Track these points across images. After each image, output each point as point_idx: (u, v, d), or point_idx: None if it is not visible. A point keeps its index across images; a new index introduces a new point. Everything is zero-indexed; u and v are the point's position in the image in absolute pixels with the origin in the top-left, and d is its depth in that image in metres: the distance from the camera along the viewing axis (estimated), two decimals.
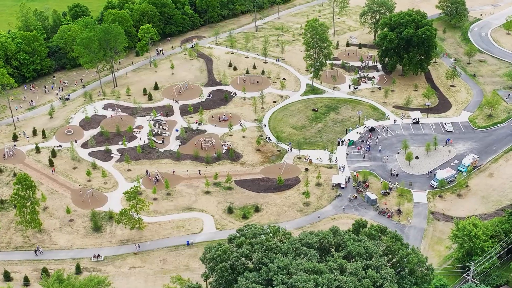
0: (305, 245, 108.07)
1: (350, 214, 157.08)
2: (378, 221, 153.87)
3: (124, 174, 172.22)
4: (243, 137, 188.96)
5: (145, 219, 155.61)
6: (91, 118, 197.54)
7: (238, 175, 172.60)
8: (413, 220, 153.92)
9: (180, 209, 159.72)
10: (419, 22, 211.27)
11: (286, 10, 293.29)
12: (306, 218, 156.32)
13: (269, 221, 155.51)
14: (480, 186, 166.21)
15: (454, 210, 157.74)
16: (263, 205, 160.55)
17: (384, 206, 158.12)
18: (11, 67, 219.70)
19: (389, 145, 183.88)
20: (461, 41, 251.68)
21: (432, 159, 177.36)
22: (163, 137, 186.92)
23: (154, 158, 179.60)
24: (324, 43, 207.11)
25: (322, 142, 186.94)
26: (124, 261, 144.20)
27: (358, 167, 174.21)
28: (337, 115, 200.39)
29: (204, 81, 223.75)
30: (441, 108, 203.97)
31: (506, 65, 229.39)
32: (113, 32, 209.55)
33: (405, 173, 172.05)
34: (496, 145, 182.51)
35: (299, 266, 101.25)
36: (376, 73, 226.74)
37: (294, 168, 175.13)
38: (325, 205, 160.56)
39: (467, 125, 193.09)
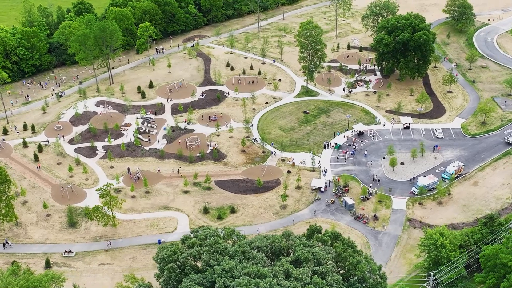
0: (254, 249, 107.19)
1: (325, 219, 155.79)
2: (353, 227, 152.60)
3: (106, 171, 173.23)
4: (230, 138, 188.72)
5: (120, 217, 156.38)
6: (82, 114, 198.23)
7: (219, 175, 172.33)
8: (389, 227, 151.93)
9: (156, 208, 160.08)
10: (416, 26, 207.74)
11: (292, 11, 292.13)
12: (281, 221, 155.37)
13: (243, 222, 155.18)
14: (462, 195, 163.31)
15: (432, 218, 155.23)
16: (239, 207, 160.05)
17: (361, 212, 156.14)
18: (10, 62, 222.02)
19: (375, 150, 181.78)
20: (465, 46, 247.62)
21: (417, 165, 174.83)
22: (149, 135, 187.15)
23: (138, 156, 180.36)
24: (318, 45, 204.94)
25: (309, 145, 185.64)
26: (95, 257, 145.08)
27: (341, 171, 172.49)
28: (328, 118, 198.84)
29: (199, 80, 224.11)
30: (434, 114, 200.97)
31: (508, 72, 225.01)
32: (108, 29, 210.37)
33: (388, 178, 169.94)
34: (485, 153, 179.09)
35: (244, 269, 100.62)
36: (373, 76, 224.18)
37: (277, 170, 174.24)
38: (302, 209, 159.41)
39: (458, 132, 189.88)
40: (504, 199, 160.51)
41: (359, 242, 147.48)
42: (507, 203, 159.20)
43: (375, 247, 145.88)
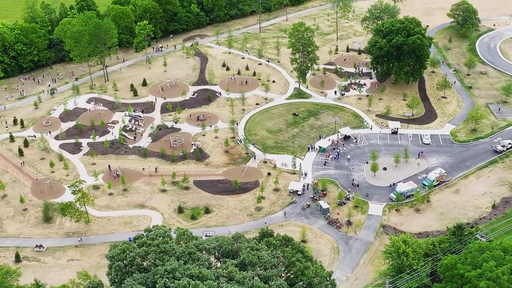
0: (202, 250, 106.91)
1: (298, 222, 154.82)
2: (325, 231, 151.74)
3: (88, 167, 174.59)
4: (215, 138, 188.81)
5: (95, 213, 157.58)
6: (72, 111, 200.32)
7: (199, 175, 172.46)
8: (361, 233, 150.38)
9: (132, 206, 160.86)
10: (411, 30, 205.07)
11: (296, 12, 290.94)
12: (254, 223, 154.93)
13: (216, 223, 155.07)
14: (442, 202, 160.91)
15: (407, 225, 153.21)
16: (215, 207, 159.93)
17: (335, 216, 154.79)
18: (8, 57, 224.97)
19: (360, 155, 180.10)
20: (467, 51, 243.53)
21: (400, 171, 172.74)
22: (135, 133, 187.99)
23: (121, 154, 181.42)
24: (309, 47, 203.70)
25: (293, 147, 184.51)
26: (65, 253, 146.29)
27: (321, 175, 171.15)
28: (317, 120, 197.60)
29: (193, 79, 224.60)
30: (425, 119, 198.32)
31: (507, 78, 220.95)
32: (103, 27, 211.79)
33: (368, 183, 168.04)
34: (470, 161, 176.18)
35: (186, 271, 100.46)
36: (369, 80, 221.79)
37: (257, 171, 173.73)
38: (277, 211, 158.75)
39: (447, 139, 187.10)
40: (483, 208, 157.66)
41: (330, 247, 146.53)
42: (485, 212, 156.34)
43: (344, 252, 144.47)
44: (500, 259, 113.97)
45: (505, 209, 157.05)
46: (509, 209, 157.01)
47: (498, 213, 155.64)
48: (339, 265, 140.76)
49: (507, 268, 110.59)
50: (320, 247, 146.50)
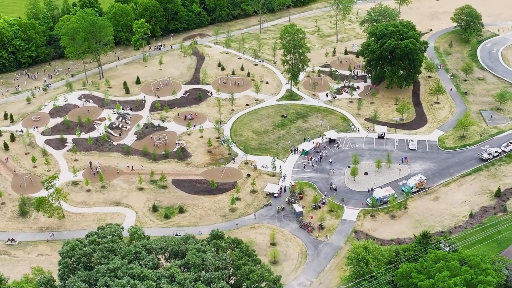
0: (149, 250, 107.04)
1: (270, 225, 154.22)
2: (296, 235, 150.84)
3: (70, 163, 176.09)
4: (200, 138, 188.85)
5: (70, 209, 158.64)
6: (63, 107, 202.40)
7: (178, 174, 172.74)
8: (332, 237, 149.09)
9: (108, 203, 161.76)
10: (405, 34, 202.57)
11: (300, 13, 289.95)
12: (226, 224, 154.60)
13: (188, 223, 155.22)
14: (419, 209, 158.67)
15: (380, 231, 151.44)
16: (189, 207, 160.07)
17: (308, 220, 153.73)
18: (6, 52, 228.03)
19: (343, 158, 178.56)
20: (467, 56, 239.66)
21: (381, 176, 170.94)
22: (121, 130, 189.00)
23: (105, 151, 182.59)
24: (300, 49, 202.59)
25: (277, 149, 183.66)
26: (36, 247, 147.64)
27: (301, 178, 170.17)
28: (304, 123, 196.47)
29: (187, 79, 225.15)
30: (414, 125, 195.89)
31: (504, 85, 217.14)
32: (98, 24, 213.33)
33: (347, 188, 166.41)
34: (454, 168, 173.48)
35: (128, 270, 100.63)
36: (363, 83, 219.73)
37: (237, 172, 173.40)
38: (251, 213, 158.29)
39: (433, 145, 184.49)
40: (460, 217, 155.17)
41: (298, 251, 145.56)
42: (462, 221, 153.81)
43: (312, 256, 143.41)
44: (455, 269, 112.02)
45: (482, 218, 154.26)
46: (486, 218, 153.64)
47: (474, 222, 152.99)
48: (304, 270, 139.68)
49: (460, 279, 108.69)
50: (289, 250, 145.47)
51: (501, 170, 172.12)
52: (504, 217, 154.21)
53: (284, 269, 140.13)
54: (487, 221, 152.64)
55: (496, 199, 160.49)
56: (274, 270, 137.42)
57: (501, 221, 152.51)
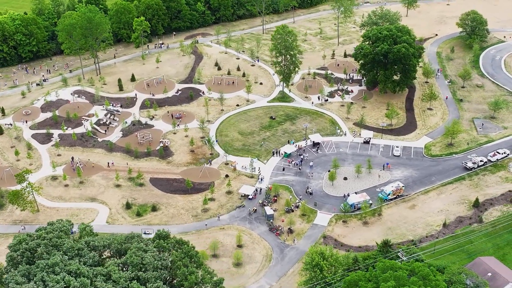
0: (92, 247, 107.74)
1: (240, 226, 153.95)
2: (264, 237, 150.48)
3: (53, 158, 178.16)
4: (185, 137, 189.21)
5: (46, 203, 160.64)
6: (55, 102, 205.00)
7: (157, 173, 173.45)
8: (300, 242, 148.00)
9: (83, 198, 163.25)
10: (398, 38, 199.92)
11: (306, 15, 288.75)
12: (196, 224, 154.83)
13: (159, 222, 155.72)
14: (393, 216, 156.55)
15: (350, 237, 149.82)
16: (163, 206, 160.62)
17: (280, 223, 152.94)
18: (7, 47, 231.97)
19: (324, 162, 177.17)
20: (469, 62, 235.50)
21: (360, 181, 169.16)
22: (107, 127, 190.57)
23: (89, 147, 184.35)
24: (291, 51, 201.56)
25: (260, 151, 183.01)
26: (7, 240, 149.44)
27: (279, 180, 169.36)
28: (292, 125, 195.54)
29: (182, 77, 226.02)
30: (402, 131, 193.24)
31: (502, 93, 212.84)
32: (94, 21, 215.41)
33: (323, 192, 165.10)
34: (436, 176, 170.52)
35: (66, 266, 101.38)
36: (358, 87, 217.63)
37: (215, 173, 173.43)
38: (223, 214, 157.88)
39: (419, 152, 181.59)
40: (434, 226, 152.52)
41: (263, 254, 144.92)
42: (435, 230, 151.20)
43: (276, 260, 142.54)
44: (403, 279, 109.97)
45: (456, 228, 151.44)
46: (460, 228, 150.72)
47: (447, 232, 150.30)
48: (266, 273, 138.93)
49: None
50: (254, 253, 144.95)
51: (485, 180, 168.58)
52: (479, 228, 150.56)
53: (246, 272, 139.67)
54: (461, 231, 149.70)
55: (473, 209, 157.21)
56: (237, 272, 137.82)
57: (474, 232, 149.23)
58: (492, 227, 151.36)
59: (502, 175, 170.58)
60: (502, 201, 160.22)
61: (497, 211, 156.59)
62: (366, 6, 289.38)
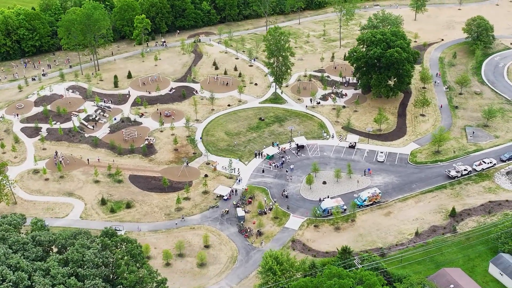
0: (36, 242, 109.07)
1: (210, 227, 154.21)
2: (233, 239, 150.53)
3: (38, 152, 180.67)
4: (171, 135, 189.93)
5: (25, 196, 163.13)
6: (49, 96, 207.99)
7: (137, 170, 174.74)
8: (268, 245, 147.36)
9: (61, 193, 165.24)
10: (392, 42, 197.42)
11: (313, 16, 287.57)
12: (167, 223, 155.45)
13: (131, 219, 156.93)
14: (367, 223, 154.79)
15: (319, 242, 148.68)
16: (137, 203, 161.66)
17: (250, 225, 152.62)
18: (10, 41, 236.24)
19: (306, 166, 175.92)
20: (471, 69, 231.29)
21: (339, 186, 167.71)
22: (95, 123, 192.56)
23: (75, 142, 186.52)
24: (283, 53, 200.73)
25: (243, 152, 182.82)
26: None
27: (258, 182, 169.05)
28: (280, 127, 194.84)
29: (178, 76, 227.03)
30: (390, 136, 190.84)
31: (500, 101, 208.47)
32: (93, 17, 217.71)
33: (300, 196, 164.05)
34: (417, 184, 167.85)
35: (7, 260, 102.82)
36: (353, 90, 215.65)
37: (195, 172, 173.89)
38: (195, 214, 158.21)
39: (404, 158, 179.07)
40: (406, 235, 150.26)
41: (229, 255, 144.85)
42: (406, 239, 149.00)
43: (241, 262, 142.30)
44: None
45: (429, 237, 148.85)
46: (432, 238, 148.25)
47: (419, 241, 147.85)
48: (229, 275, 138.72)
49: None
50: (220, 254, 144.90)
51: (467, 189, 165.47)
52: (451, 238, 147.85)
53: (208, 272, 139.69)
54: (432, 241, 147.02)
55: (450, 219, 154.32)
56: (199, 272, 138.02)
57: (446, 242, 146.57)
58: (465, 238, 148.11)
59: (485, 185, 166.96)
60: (480, 212, 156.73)
61: (473, 222, 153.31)
62: (376, 8, 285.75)
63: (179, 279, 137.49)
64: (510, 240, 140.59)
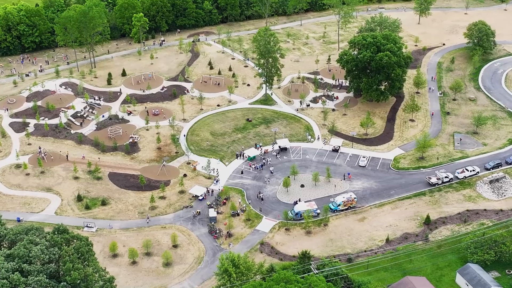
0: None
1: (181, 227, 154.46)
2: (202, 239, 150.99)
3: (23, 147, 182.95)
4: (156, 134, 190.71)
5: (4, 190, 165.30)
6: (41, 92, 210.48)
7: (118, 168, 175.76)
8: (236, 247, 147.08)
9: (40, 188, 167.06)
10: (382, 46, 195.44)
11: (317, 18, 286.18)
12: (138, 221, 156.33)
13: (105, 216, 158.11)
14: (339, 228, 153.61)
15: (288, 246, 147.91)
16: (113, 200, 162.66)
17: (219, 226, 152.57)
18: (11, 36, 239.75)
19: (286, 168, 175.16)
20: (469, 74, 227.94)
21: (317, 190, 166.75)
22: (82, 119, 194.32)
23: (60, 138, 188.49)
24: (272, 54, 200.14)
25: (225, 152, 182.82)
26: None
27: (235, 183, 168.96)
28: (266, 129, 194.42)
29: (172, 75, 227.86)
30: (376, 141, 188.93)
31: (494, 108, 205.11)
32: (88, 15, 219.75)
33: (276, 199, 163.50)
34: (396, 190, 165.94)
35: None
36: (345, 93, 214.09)
37: (175, 171, 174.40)
38: (168, 213, 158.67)
39: (386, 163, 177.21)
40: (376, 241, 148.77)
41: (195, 256, 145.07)
42: (376, 245, 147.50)
43: (206, 263, 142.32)
44: None
45: (399, 244, 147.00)
46: (403, 245, 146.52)
47: (389, 248, 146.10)
48: (192, 275, 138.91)
49: None
50: (187, 254, 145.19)
51: (446, 197, 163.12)
52: (422, 246, 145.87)
53: (173, 272, 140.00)
54: (403, 248, 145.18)
55: (424, 226, 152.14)
56: (164, 272, 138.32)
57: (417, 250, 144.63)
58: (437, 247, 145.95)
59: (466, 193, 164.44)
60: (456, 220, 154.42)
61: (447, 230, 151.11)
62: (380, 11, 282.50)
63: (142, 278, 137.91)
64: (479, 251, 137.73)
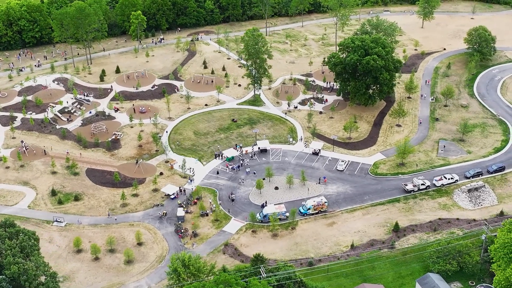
0: None
1: (148, 225, 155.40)
2: (167, 238, 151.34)
3: (7, 140, 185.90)
4: (141, 131, 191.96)
5: None
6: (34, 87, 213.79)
7: (96, 164, 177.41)
8: (200, 247, 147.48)
9: (17, 182, 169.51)
10: (370, 49, 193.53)
11: (319, 19, 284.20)
12: (108, 218, 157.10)
13: (75, 211, 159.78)
14: (306, 232, 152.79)
15: (252, 248, 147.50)
16: (86, 196, 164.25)
17: (186, 226, 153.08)
18: (12, 31, 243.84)
19: (264, 170, 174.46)
20: (465, 80, 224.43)
21: (290, 193, 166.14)
22: (69, 115, 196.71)
23: (45, 133, 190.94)
24: (261, 56, 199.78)
25: (205, 152, 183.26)
26: None
27: (210, 183, 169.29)
28: (250, 129, 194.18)
29: (166, 73, 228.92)
30: (358, 145, 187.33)
31: (485, 115, 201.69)
32: (84, 12, 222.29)
33: (248, 200, 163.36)
34: (370, 196, 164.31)
35: None
36: (336, 96, 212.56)
37: (152, 169, 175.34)
38: (138, 211, 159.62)
39: (365, 168, 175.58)
40: (342, 246, 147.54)
41: (158, 255, 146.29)
42: (341, 251, 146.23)
43: (167, 262, 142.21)
44: None
45: (364, 251, 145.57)
46: (368, 252, 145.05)
47: (353, 254, 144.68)
48: (151, 273, 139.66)
49: None
50: (150, 252, 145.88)
51: (421, 204, 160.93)
52: (387, 253, 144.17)
53: (133, 270, 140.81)
54: (367, 255, 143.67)
55: (392, 233, 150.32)
56: (124, 269, 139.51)
57: (381, 258, 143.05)
58: (402, 254, 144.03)
59: (442, 201, 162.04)
60: (426, 229, 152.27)
61: (415, 238, 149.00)
62: (385, 14, 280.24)
63: (102, 274, 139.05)
64: (441, 260, 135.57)
